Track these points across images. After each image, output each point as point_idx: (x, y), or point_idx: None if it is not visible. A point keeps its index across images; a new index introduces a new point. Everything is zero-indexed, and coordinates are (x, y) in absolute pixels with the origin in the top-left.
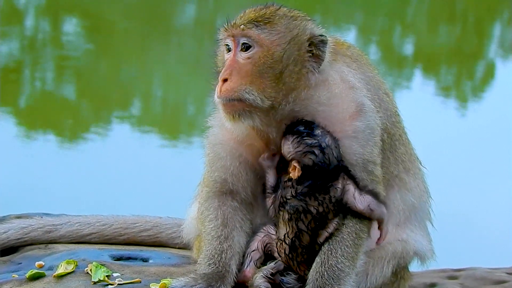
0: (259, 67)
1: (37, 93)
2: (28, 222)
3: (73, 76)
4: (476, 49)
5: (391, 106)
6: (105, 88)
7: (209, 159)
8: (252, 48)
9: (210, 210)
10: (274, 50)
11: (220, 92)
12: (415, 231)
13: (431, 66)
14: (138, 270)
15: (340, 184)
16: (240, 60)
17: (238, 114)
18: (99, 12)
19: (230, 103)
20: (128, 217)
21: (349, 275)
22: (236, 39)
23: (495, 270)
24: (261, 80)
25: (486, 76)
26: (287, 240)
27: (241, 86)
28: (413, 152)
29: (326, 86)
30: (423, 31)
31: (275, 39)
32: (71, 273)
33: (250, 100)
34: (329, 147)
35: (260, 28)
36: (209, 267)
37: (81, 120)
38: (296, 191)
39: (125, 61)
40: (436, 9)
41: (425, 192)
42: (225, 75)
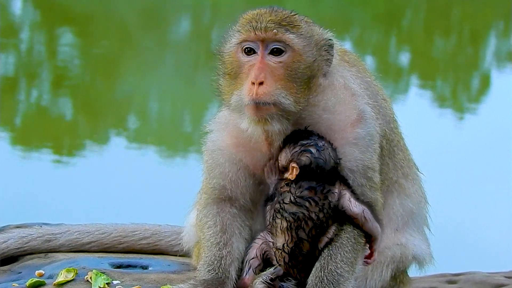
0: (291, 72)
1: (33, 109)
2: (27, 232)
3: (69, 92)
4: (472, 60)
5: (389, 112)
6: (101, 104)
7: (207, 166)
8: (285, 52)
9: (209, 216)
10: (306, 56)
11: (256, 95)
12: (414, 235)
13: (427, 77)
14: (138, 277)
15: (337, 189)
16: (271, 64)
17: (270, 118)
18: (95, 28)
19: (265, 106)
20: (127, 225)
21: (348, 280)
22: (265, 43)
23: (493, 274)
24: (293, 85)
25: (481, 86)
26: (287, 249)
27: (277, 90)
28: (411, 158)
29: (333, 91)
30: (418, 42)
31: (305, 44)
32: (71, 281)
33: (285, 104)
34: (324, 147)
35: (291, 32)
36: (208, 274)
37: (78, 136)
38: (295, 196)
39: (121, 77)
40: (431, 20)
41: (423, 197)
42: (260, 78)
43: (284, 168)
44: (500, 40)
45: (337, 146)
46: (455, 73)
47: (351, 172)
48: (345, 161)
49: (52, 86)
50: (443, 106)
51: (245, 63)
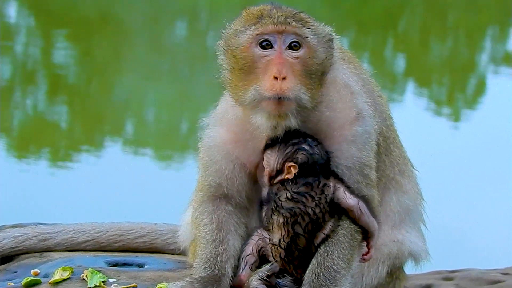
0: (308, 68)
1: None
2: (23, 231)
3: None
4: (468, 62)
5: (385, 109)
6: (98, 109)
7: (203, 163)
8: (301, 47)
9: (205, 214)
10: (319, 52)
11: (281, 90)
12: (410, 232)
13: (423, 81)
14: (134, 275)
15: (331, 182)
16: (289, 59)
17: (290, 113)
18: (90, 33)
19: (286, 101)
20: (123, 224)
21: (344, 276)
22: (283, 36)
23: (489, 271)
24: (309, 81)
25: (477, 89)
26: (283, 244)
27: (297, 86)
28: (406, 155)
29: (336, 87)
30: (415, 46)
31: (318, 40)
32: (67, 279)
33: (304, 100)
34: (314, 143)
35: (306, 27)
36: (204, 271)
37: (74, 140)
38: (292, 193)
39: (117, 82)
40: (427, 24)
41: (419, 194)
42: (284, 73)
43: (277, 171)
44: (495, 44)
45: (335, 143)
46: (451, 77)
47: (347, 169)
48: (342, 158)
49: (48, 91)
50: (439, 109)
51: (261, 58)
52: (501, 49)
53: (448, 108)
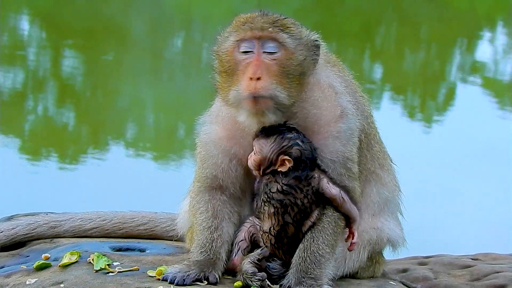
0: (285, 69)
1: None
2: (34, 219)
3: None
4: (439, 72)
5: (366, 108)
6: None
7: (200, 157)
8: (278, 50)
9: (201, 203)
10: (297, 54)
11: (255, 89)
12: (389, 220)
13: (398, 89)
14: (136, 259)
15: (316, 174)
16: (266, 61)
17: (267, 110)
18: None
19: (262, 100)
20: (126, 212)
21: (329, 260)
22: (261, 41)
23: (461, 256)
24: (287, 81)
25: (448, 97)
26: (273, 232)
27: (273, 85)
28: (386, 150)
29: (320, 88)
30: (390, 57)
31: (296, 43)
32: (75, 263)
33: (281, 98)
34: (306, 139)
35: (284, 32)
36: (201, 255)
37: (80, 143)
38: (282, 185)
39: (120, 89)
40: (402, 36)
41: (397, 186)
42: (258, 73)
43: (270, 161)
44: (464, 55)
45: (321, 138)
46: (424, 85)
47: (332, 163)
48: (328, 152)
49: (57, 97)
50: (413, 114)
51: (241, 61)
52: (469, 59)
53: (421, 113)
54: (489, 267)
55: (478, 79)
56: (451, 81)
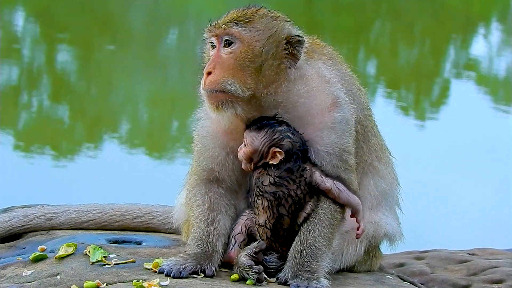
0: (240, 61)
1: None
2: (30, 211)
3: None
4: (433, 69)
5: (363, 100)
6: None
7: (197, 150)
8: (234, 44)
9: (198, 196)
10: (254, 46)
11: (205, 84)
12: (386, 214)
13: (392, 86)
14: (132, 251)
15: (308, 166)
16: (223, 55)
17: (222, 104)
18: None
19: (214, 94)
20: (122, 205)
21: (325, 253)
22: (219, 37)
23: (458, 251)
24: (242, 73)
25: (441, 94)
26: (269, 225)
27: (223, 79)
28: (384, 143)
29: (304, 81)
30: (384, 53)
31: (255, 35)
32: (71, 255)
33: (232, 91)
34: (296, 132)
35: (241, 26)
36: (197, 248)
37: (75, 138)
38: (274, 177)
39: (114, 85)
40: (396, 32)
41: (395, 179)
42: (209, 68)
43: (261, 153)
44: (458, 52)
45: (316, 130)
46: (418, 81)
47: (328, 155)
48: (323, 144)
49: (52, 92)
50: (407, 110)
51: (209, 57)
52: (463, 56)
53: (415, 109)
54: (486, 262)
55: (472, 75)
56: (445, 77)
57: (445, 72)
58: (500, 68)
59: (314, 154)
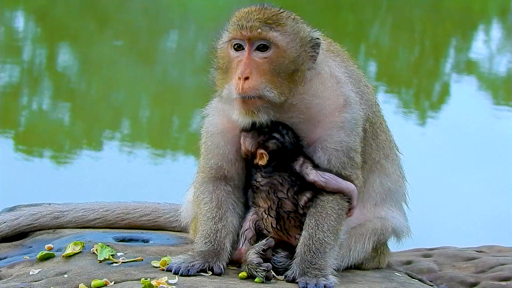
0: (276, 66)
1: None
2: (37, 210)
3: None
4: (433, 69)
5: (371, 97)
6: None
7: (206, 147)
8: (269, 48)
9: (205, 193)
10: (289, 51)
11: (242, 90)
12: (392, 209)
13: (393, 86)
14: (140, 249)
15: (301, 160)
16: (257, 59)
17: (257, 110)
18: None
19: (251, 100)
20: (129, 203)
21: (333, 248)
22: (251, 40)
23: (465, 249)
24: (277, 78)
25: (442, 94)
26: (272, 212)
27: (262, 84)
28: (392, 139)
29: (320, 79)
30: (384, 53)
31: (289, 40)
32: (79, 253)
33: (270, 97)
34: (285, 130)
35: (275, 30)
36: (205, 245)
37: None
38: (264, 173)
39: (114, 85)
40: (396, 33)
41: (401, 177)
42: (246, 73)
43: (252, 154)
44: (458, 53)
45: (326, 128)
46: (418, 82)
47: (335, 151)
48: (332, 142)
49: (52, 93)
50: (407, 111)
51: (234, 59)
52: (463, 56)
53: (415, 110)
54: (494, 259)
55: (472, 75)
56: (446, 77)
57: (445, 72)
58: (500, 67)
59: (323, 151)
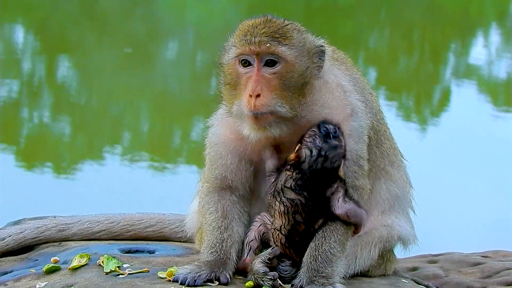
0: (286, 81)
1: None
2: (42, 222)
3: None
4: (433, 75)
5: (375, 105)
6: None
7: (210, 158)
8: (278, 63)
9: (211, 203)
10: (297, 65)
11: (254, 107)
12: (399, 217)
13: (393, 92)
14: (146, 261)
15: (335, 185)
16: (266, 75)
17: (269, 125)
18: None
19: (263, 116)
20: (134, 214)
21: (340, 258)
22: (260, 55)
23: (470, 254)
24: (288, 93)
25: (442, 100)
26: (284, 231)
27: (273, 100)
28: (396, 146)
29: (327, 89)
30: (384, 59)
31: (297, 54)
32: (85, 265)
33: (282, 112)
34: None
35: (283, 44)
36: (211, 255)
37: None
38: (296, 182)
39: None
40: (395, 39)
41: (407, 182)
42: (257, 90)
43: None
44: (457, 58)
45: None
46: (418, 87)
47: (346, 161)
48: None
49: (52, 106)
50: (408, 116)
51: (243, 75)
52: (463, 62)
53: (416, 115)
54: (500, 264)
55: (472, 80)
56: (446, 82)
57: (445, 77)
58: (500, 72)
59: None
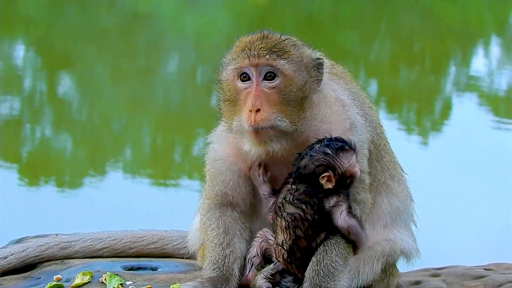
0: (285, 95)
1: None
2: (44, 241)
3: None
4: (434, 87)
5: (375, 119)
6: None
7: (210, 174)
8: (277, 77)
9: (212, 220)
10: (296, 79)
11: (254, 122)
12: (401, 231)
13: (394, 104)
14: (148, 278)
15: (335, 198)
16: (265, 90)
17: (270, 140)
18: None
19: (264, 130)
20: (136, 231)
21: (342, 272)
22: (258, 69)
23: (473, 267)
24: (287, 107)
25: (443, 111)
26: (285, 246)
27: (273, 115)
28: (396, 160)
29: (326, 104)
30: (385, 72)
31: (296, 68)
32: (87, 283)
33: (282, 127)
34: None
35: (282, 58)
36: (214, 271)
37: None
38: (293, 196)
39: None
40: (396, 51)
41: (409, 196)
42: (257, 105)
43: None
44: (458, 70)
45: None
46: (420, 99)
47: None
48: None
49: (54, 123)
50: (409, 129)
51: (242, 90)
52: (463, 74)
53: (417, 128)
54: (503, 277)
55: (473, 92)
56: (447, 94)
57: (446, 89)
58: (501, 84)
59: None
